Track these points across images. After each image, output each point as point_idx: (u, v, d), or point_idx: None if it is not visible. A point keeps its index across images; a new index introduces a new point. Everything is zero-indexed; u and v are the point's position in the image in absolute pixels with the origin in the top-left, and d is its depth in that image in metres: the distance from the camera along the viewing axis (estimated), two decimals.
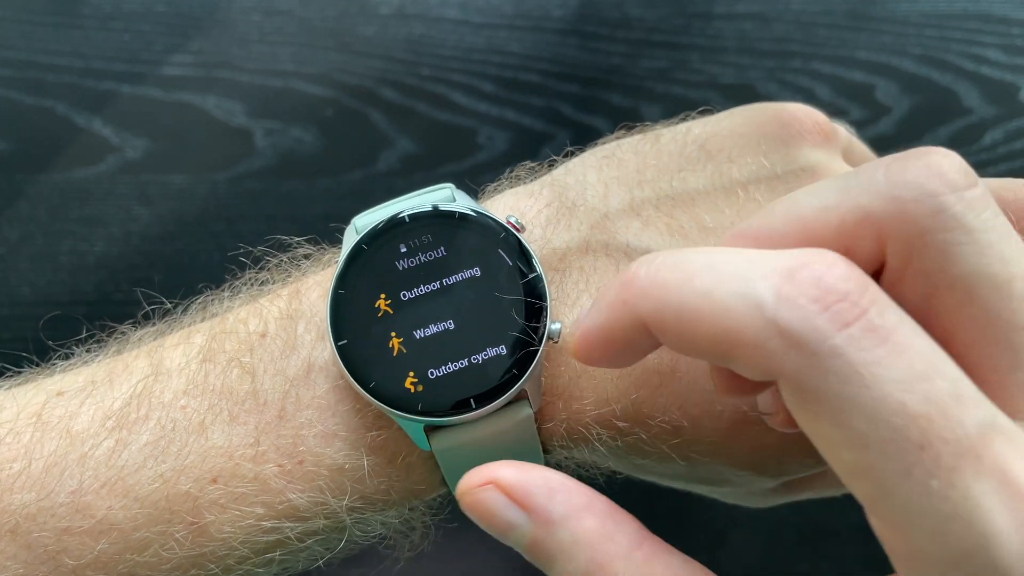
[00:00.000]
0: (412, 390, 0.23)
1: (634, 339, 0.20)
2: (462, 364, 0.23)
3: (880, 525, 0.17)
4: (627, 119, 0.52)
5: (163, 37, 0.51)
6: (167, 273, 0.48)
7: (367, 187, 0.50)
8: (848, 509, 0.31)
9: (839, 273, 0.17)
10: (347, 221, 0.27)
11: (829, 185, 0.20)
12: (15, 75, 0.50)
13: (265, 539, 0.24)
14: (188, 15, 0.51)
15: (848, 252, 0.19)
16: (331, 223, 0.28)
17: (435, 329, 0.24)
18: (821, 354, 0.16)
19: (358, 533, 0.25)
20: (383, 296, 0.24)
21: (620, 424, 0.24)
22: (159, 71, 0.51)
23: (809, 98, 0.51)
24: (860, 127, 0.50)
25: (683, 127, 0.28)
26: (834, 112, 0.42)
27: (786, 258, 0.18)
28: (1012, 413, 0.18)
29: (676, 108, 0.51)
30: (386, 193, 0.50)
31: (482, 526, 0.22)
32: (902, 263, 0.19)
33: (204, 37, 0.51)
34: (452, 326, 0.24)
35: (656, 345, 0.20)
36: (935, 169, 0.19)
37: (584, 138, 0.51)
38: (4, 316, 0.48)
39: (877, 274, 0.20)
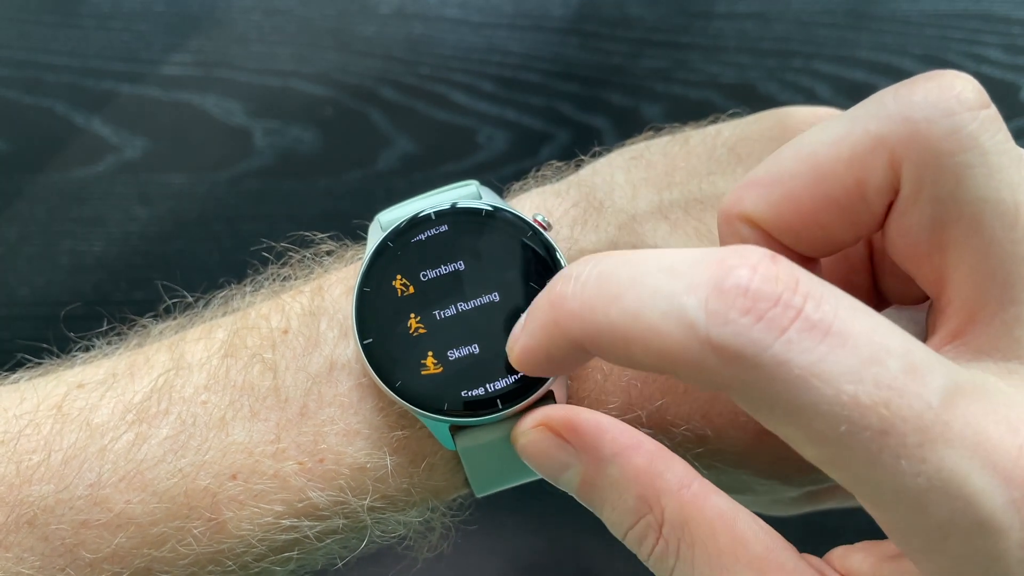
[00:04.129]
0: (439, 390, 0.23)
1: (573, 354, 0.19)
2: (488, 364, 0.23)
3: (866, 506, 0.17)
4: (627, 119, 0.52)
5: (162, 36, 0.51)
6: (166, 273, 0.48)
7: (366, 187, 0.50)
8: (852, 510, 0.31)
9: (765, 274, 0.16)
10: (347, 221, 0.26)
11: (837, 118, 0.20)
12: (14, 75, 0.50)
13: (283, 537, 0.24)
14: (187, 14, 0.51)
15: (861, 183, 0.19)
16: (331, 223, 0.28)
17: (462, 328, 0.23)
18: (763, 365, 0.16)
19: (378, 533, 0.25)
20: (410, 294, 0.24)
21: (645, 431, 0.24)
22: (158, 70, 0.50)
23: (810, 97, 0.51)
24: None
25: (712, 129, 0.28)
26: None
27: (711, 265, 0.17)
28: (991, 352, 0.18)
29: (677, 108, 0.52)
30: (385, 193, 0.50)
31: (536, 468, 0.22)
32: (915, 190, 0.18)
33: (203, 36, 0.51)
34: (479, 325, 0.23)
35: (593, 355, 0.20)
36: (948, 89, 0.18)
37: (584, 138, 0.51)
38: (3, 316, 0.47)
39: (890, 204, 0.19)
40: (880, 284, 0.24)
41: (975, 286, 0.19)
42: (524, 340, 0.20)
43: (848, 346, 0.16)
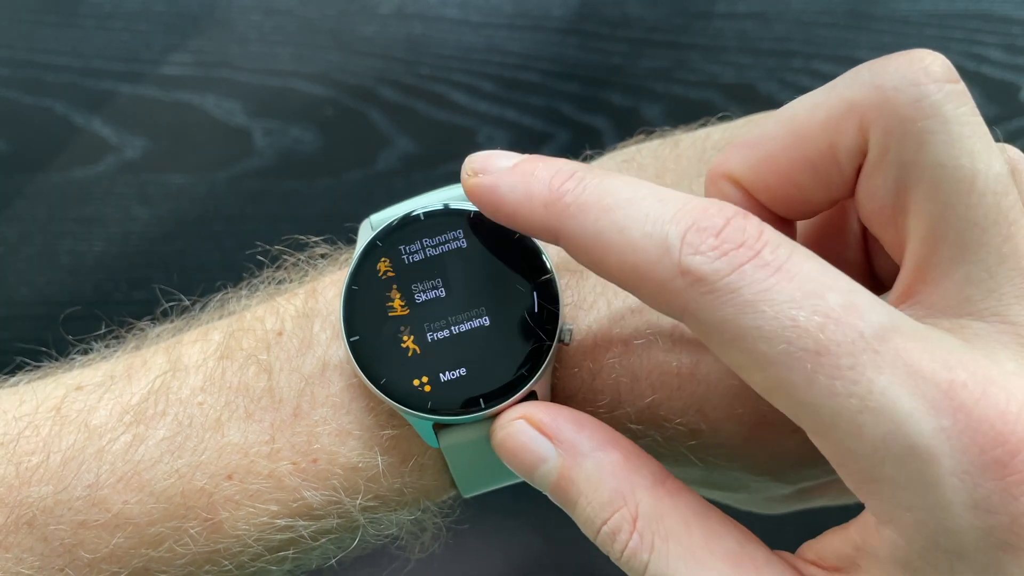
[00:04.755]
0: (422, 388, 0.23)
1: (535, 231, 0.22)
2: (473, 362, 0.23)
3: (812, 437, 0.19)
4: (627, 118, 0.52)
5: (162, 36, 0.51)
6: (166, 273, 0.48)
7: (366, 187, 0.50)
8: (850, 508, 0.31)
9: (735, 225, 0.19)
10: (346, 221, 0.26)
11: (818, 88, 0.21)
12: (14, 74, 0.50)
13: (279, 537, 0.24)
14: (187, 14, 0.51)
15: (833, 146, 0.21)
16: (330, 223, 0.28)
17: (447, 328, 0.24)
18: (719, 290, 0.18)
19: (371, 532, 0.25)
20: (396, 294, 0.24)
21: (633, 427, 0.25)
22: (158, 70, 0.50)
23: None
24: None
25: (703, 132, 0.28)
26: None
27: (694, 207, 0.19)
28: (944, 309, 0.20)
29: (676, 107, 0.52)
30: (385, 193, 0.50)
31: (513, 463, 0.23)
32: (880, 153, 0.20)
33: (203, 36, 0.51)
34: (463, 323, 0.24)
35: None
36: (918, 62, 0.20)
37: (584, 138, 0.51)
38: (3, 316, 0.47)
39: (859, 169, 0.21)
40: (875, 267, 0.24)
41: (929, 247, 0.20)
42: (504, 186, 0.22)
43: (795, 281, 0.18)
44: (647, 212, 0.19)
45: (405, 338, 0.23)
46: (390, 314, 0.24)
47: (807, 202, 0.22)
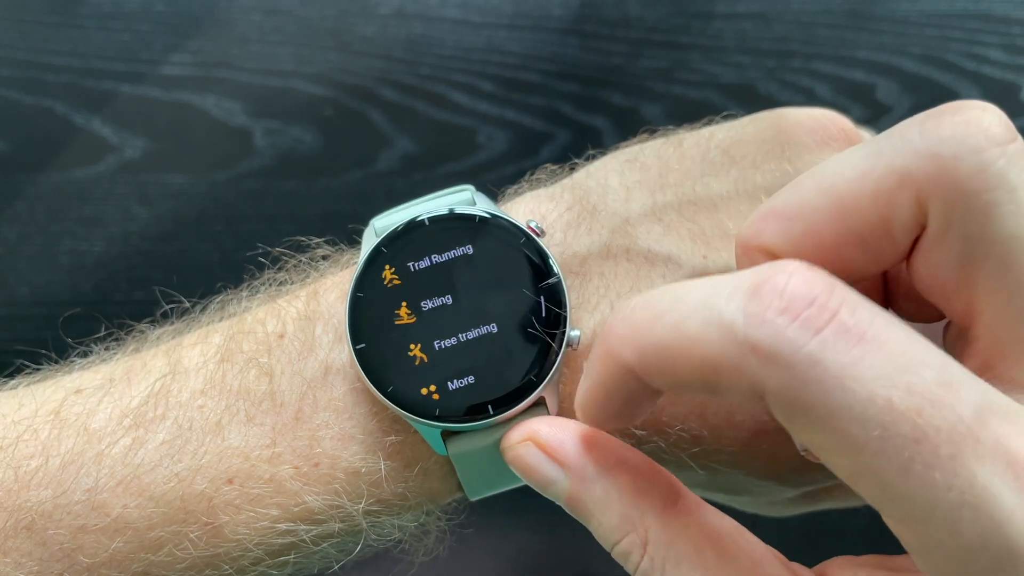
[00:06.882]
0: (431, 397, 0.23)
1: (630, 390, 0.19)
2: (481, 369, 0.23)
3: (892, 523, 0.17)
4: (627, 119, 0.52)
5: (162, 36, 0.51)
6: (166, 273, 0.48)
7: (367, 187, 0.50)
8: (853, 511, 0.31)
9: (802, 279, 0.17)
10: (347, 221, 0.26)
11: (860, 150, 0.19)
12: (14, 75, 0.50)
13: (280, 541, 0.24)
14: (187, 14, 0.51)
15: (886, 219, 0.19)
16: (331, 223, 0.28)
17: (454, 335, 0.23)
18: (798, 364, 0.16)
19: (374, 536, 0.25)
20: (403, 303, 0.24)
21: (638, 432, 0.24)
22: (158, 71, 0.50)
23: (810, 98, 0.51)
24: (861, 126, 0.50)
25: (707, 132, 0.28)
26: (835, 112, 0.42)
27: (748, 276, 0.17)
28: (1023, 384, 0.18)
29: (676, 108, 0.51)
30: (385, 193, 0.50)
31: (524, 479, 0.23)
32: (943, 227, 0.18)
33: (203, 37, 0.51)
34: (470, 330, 0.23)
35: (656, 395, 0.20)
36: (975, 124, 0.18)
37: (584, 138, 0.51)
38: (3, 316, 0.47)
39: (916, 240, 0.19)
40: (893, 305, 0.24)
41: (1006, 322, 0.19)
42: (584, 383, 0.20)
43: (883, 352, 0.16)
44: (698, 300, 0.17)
45: (412, 346, 0.23)
46: (396, 322, 0.24)
47: (852, 272, 0.20)
